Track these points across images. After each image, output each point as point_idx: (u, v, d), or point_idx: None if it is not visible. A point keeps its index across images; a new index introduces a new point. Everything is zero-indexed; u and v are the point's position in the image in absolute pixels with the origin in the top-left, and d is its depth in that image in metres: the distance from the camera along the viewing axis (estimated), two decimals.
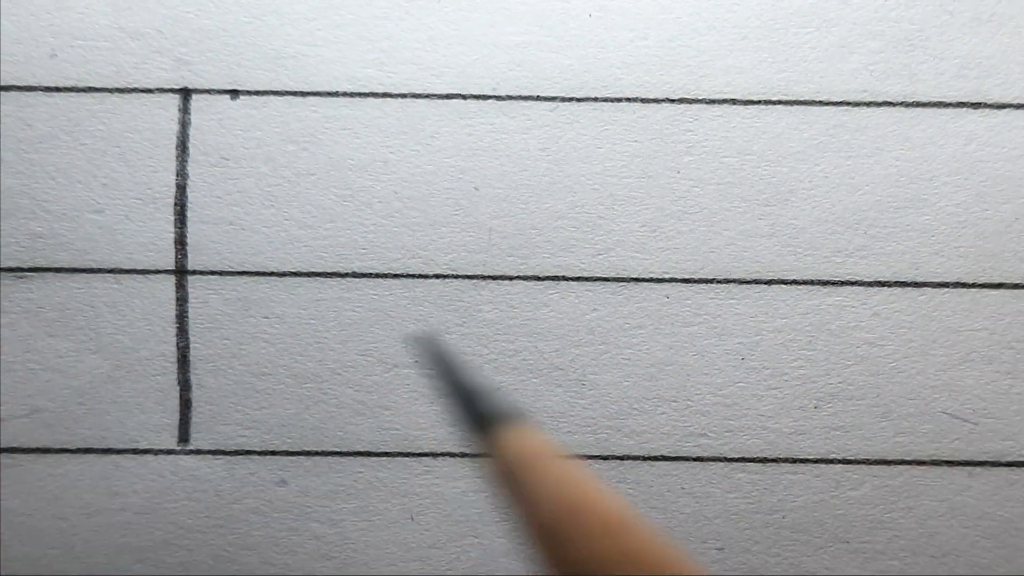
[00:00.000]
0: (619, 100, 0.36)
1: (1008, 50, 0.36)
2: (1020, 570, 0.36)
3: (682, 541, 0.36)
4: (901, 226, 0.36)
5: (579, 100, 0.36)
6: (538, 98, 0.36)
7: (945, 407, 0.36)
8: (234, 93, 0.36)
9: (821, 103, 0.36)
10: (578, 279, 0.36)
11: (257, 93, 0.36)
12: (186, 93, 0.36)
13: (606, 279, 0.36)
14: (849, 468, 0.36)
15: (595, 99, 0.36)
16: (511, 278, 0.36)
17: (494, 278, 0.36)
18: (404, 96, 0.36)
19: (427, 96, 0.36)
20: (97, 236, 0.36)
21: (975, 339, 0.36)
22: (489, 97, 0.36)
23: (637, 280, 0.36)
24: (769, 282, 0.36)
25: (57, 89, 0.36)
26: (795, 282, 0.36)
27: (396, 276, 0.36)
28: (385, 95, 0.36)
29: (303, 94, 0.36)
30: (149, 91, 0.36)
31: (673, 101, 0.36)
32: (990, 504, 0.36)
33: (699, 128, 0.36)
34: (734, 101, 0.36)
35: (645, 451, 0.36)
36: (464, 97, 0.36)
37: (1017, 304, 0.36)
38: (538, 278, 0.36)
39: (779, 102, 0.36)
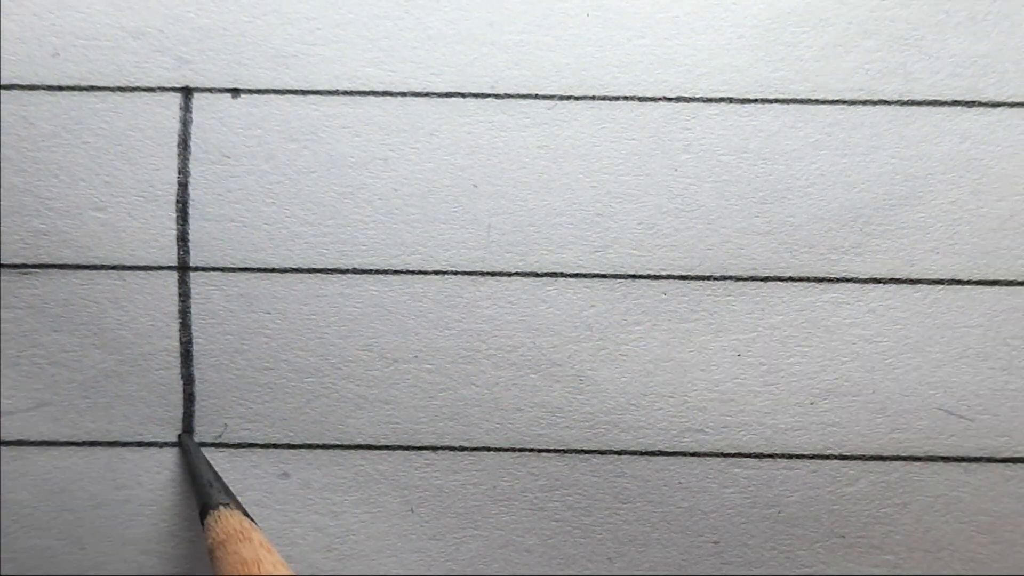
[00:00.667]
0: (617, 98, 0.36)
1: (1003, 49, 0.36)
2: (1016, 565, 0.36)
3: (678, 535, 0.37)
4: (896, 223, 0.36)
5: (577, 98, 0.36)
6: (536, 96, 0.36)
7: (941, 403, 0.36)
8: (235, 92, 0.36)
9: (817, 101, 0.36)
10: (576, 276, 0.36)
11: (258, 92, 0.36)
12: (187, 92, 0.36)
13: (604, 276, 0.36)
14: (845, 464, 0.36)
15: (593, 97, 0.36)
16: (509, 274, 0.37)
17: (493, 274, 0.37)
18: (404, 94, 0.36)
19: (426, 94, 0.36)
20: (100, 233, 0.36)
21: (970, 336, 0.36)
22: (488, 95, 0.36)
23: (634, 277, 0.36)
24: (765, 279, 0.36)
25: (59, 88, 0.36)
26: (791, 279, 0.36)
27: (396, 272, 0.36)
28: (385, 93, 0.36)
29: (304, 92, 0.36)
30: (151, 90, 0.36)
31: (670, 100, 0.36)
32: (986, 500, 0.36)
33: (696, 126, 0.36)
34: (731, 100, 0.36)
35: (642, 446, 0.37)
36: (463, 95, 0.36)
37: (1012, 301, 0.36)
38: (536, 275, 0.37)
39: (775, 100, 0.36)
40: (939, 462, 0.36)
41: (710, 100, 0.36)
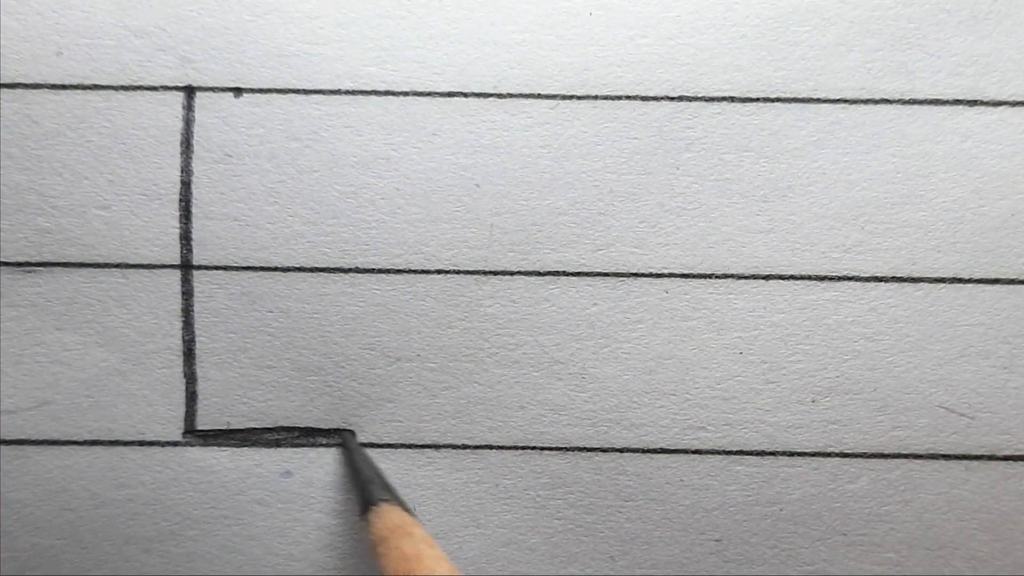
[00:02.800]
0: (619, 98, 0.36)
1: (1004, 48, 0.36)
2: (1017, 563, 0.36)
3: (680, 533, 0.37)
4: (898, 222, 0.36)
5: (579, 98, 0.36)
6: (539, 96, 0.36)
7: (942, 401, 0.36)
8: (237, 91, 0.36)
9: (819, 100, 0.36)
10: (578, 274, 0.37)
11: (260, 91, 0.36)
12: (190, 91, 0.36)
13: (606, 274, 0.37)
14: (846, 461, 0.37)
15: (595, 97, 0.36)
16: (512, 273, 0.37)
17: (495, 273, 0.37)
18: (406, 94, 0.36)
19: (429, 94, 0.36)
20: (103, 231, 0.36)
21: (971, 334, 0.36)
22: (490, 95, 0.36)
23: (636, 275, 0.37)
24: (767, 277, 0.37)
25: (63, 86, 0.36)
26: (793, 277, 0.37)
27: (398, 271, 0.37)
28: (387, 93, 0.36)
29: (306, 92, 0.36)
30: (154, 89, 0.36)
31: (672, 99, 0.36)
32: (987, 497, 0.37)
33: (698, 125, 0.36)
34: (733, 98, 0.36)
35: (644, 444, 0.37)
36: (465, 95, 0.36)
37: (1013, 299, 0.36)
38: (539, 273, 0.37)
39: (777, 99, 0.36)
40: (940, 460, 0.37)
41: (712, 99, 0.36)
